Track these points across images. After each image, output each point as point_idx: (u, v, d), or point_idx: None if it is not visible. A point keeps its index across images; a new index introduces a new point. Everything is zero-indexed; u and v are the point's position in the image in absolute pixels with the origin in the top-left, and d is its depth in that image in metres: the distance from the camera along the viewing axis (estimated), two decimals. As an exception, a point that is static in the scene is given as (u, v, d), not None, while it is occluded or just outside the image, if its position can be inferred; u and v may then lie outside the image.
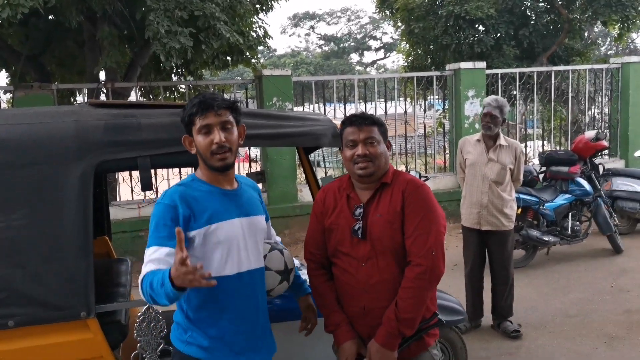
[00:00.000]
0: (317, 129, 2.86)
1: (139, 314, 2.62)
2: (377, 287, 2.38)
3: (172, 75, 9.06)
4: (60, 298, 2.40)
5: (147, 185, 2.53)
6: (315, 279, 2.55)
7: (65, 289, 2.40)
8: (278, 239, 2.63)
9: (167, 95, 8.74)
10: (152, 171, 3.82)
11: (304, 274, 2.75)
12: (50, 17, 7.70)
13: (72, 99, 9.06)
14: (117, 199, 7.62)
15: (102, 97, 7.59)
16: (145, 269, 2.02)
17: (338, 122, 3.03)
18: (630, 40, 13.15)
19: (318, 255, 2.55)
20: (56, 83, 8.12)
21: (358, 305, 2.42)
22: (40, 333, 2.42)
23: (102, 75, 8.22)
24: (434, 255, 2.32)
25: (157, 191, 7.12)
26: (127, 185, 7.66)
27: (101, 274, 3.12)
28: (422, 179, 2.97)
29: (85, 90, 7.78)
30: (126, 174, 7.69)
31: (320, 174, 6.97)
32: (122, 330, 2.73)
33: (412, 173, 3.21)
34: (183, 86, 8.71)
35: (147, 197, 7.53)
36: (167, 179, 7.58)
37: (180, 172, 7.84)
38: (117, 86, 7.47)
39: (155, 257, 2.03)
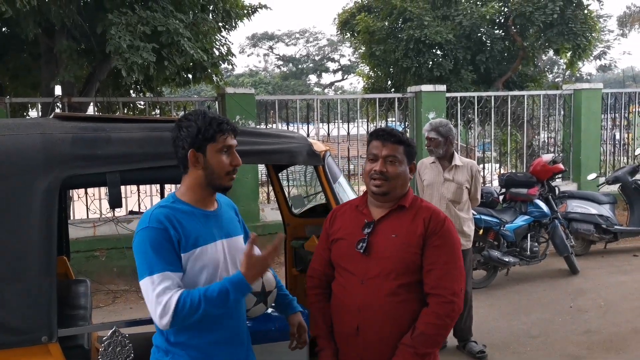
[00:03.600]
0: (293, 147, 2.82)
1: (104, 338, 2.48)
2: (374, 308, 2.28)
3: (131, 91, 8.88)
4: (20, 321, 2.24)
5: (116, 202, 2.42)
6: (310, 297, 2.50)
7: (25, 311, 2.24)
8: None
9: (126, 111, 8.54)
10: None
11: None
12: (4, 29, 7.45)
13: (25, 114, 8.73)
14: (71, 217, 7.34)
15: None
16: (166, 296, 1.94)
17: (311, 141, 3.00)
18: (578, 68, 13.66)
19: (319, 271, 2.49)
20: (9, 97, 7.82)
21: (351, 326, 2.33)
22: (-4, 359, 2.26)
23: (58, 90, 7.98)
24: (461, 293, 2.29)
25: (112, 209, 6.89)
26: (82, 203, 7.41)
27: (60, 296, 2.97)
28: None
29: (39, 105, 7.53)
30: (81, 191, 7.44)
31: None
32: (84, 355, 2.58)
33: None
34: (142, 103, 8.54)
35: (103, 216, 7.29)
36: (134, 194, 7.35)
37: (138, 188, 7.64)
38: (74, 101, 7.24)
39: (172, 284, 1.97)
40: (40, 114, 7.49)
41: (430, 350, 2.28)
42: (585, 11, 11.06)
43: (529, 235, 6.65)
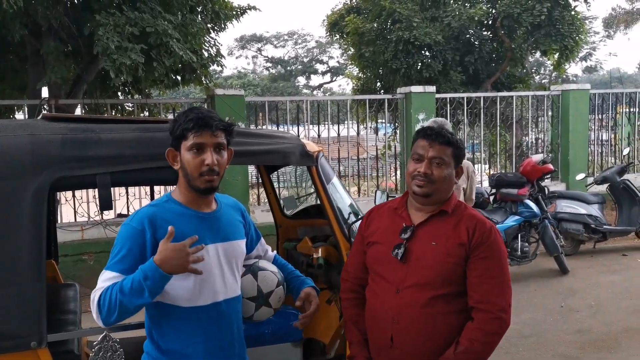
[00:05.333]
0: (285, 147, 2.78)
1: (94, 343, 2.44)
2: (410, 319, 2.14)
3: (119, 93, 8.80)
4: (9, 326, 2.19)
5: (106, 204, 2.38)
6: (344, 302, 2.41)
7: (14, 316, 2.19)
8: (273, 253, 2.50)
9: (114, 113, 8.47)
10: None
11: None
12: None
13: (11, 116, 8.64)
14: (59, 221, 7.25)
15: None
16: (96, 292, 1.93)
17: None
18: (564, 70, 13.82)
19: (352, 275, 2.38)
20: (-6, 99, 7.73)
21: (386, 336, 2.18)
22: (-17, 366, 2.21)
23: (45, 92, 7.90)
24: (509, 309, 2.15)
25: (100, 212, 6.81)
26: (69, 206, 7.32)
27: (49, 300, 2.92)
28: (390, 198, 2.90)
29: (26, 107, 7.44)
30: (69, 193, 7.36)
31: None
32: (75, 361, 2.53)
33: (379, 193, 3.15)
34: (130, 104, 8.47)
35: (91, 219, 7.21)
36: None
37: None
38: (61, 103, 7.16)
39: (109, 284, 1.93)
40: (27, 116, 7.39)
41: None
42: (572, 12, 11.14)
43: (519, 235, 6.67)
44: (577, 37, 11.05)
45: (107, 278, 1.94)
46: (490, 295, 2.11)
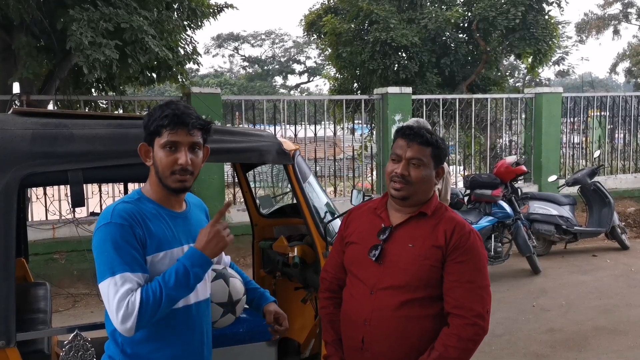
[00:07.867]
0: (262, 145, 2.77)
1: (65, 342, 2.39)
2: (382, 321, 2.09)
3: (93, 90, 8.67)
4: (-24, 326, 2.14)
5: (78, 201, 2.33)
6: (321, 302, 2.37)
7: (-19, 315, 2.14)
8: (227, 258, 2.48)
9: (87, 110, 8.33)
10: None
11: None
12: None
13: (-20, 112, 8.43)
14: (30, 219, 7.11)
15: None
16: (130, 297, 1.78)
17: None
18: (538, 73, 14.07)
19: (331, 275, 2.33)
20: (-37, 94, 7.53)
21: (357, 338, 2.14)
22: (-51, 366, 2.15)
23: (16, 88, 7.74)
24: (487, 315, 2.07)
25: (73, 210, 6.70)
26: (40, 204, 7.19)
27: (19, 299, 2.86)
28: (366, 198, 2.91)
29: (-4, 103, 7.29)
30: (40, 191, 7.23)
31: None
32: (44, 360, 2.48)
33: (355, 193, 3.15)
34: (104, 102, 8.34)
35: (62, 217, 7.09)
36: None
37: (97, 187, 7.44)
38: (33, 99, 7.03)
39: (135, 286, 1.79)
40: (-4, 112, 7.24)
41: None
42: (546, 17, 11.33)
43: (492, 235, 6.75)
44: (550, 41, 11.25)
45: (123, 282, 1.78)
46: (466, 300, 2.04)
